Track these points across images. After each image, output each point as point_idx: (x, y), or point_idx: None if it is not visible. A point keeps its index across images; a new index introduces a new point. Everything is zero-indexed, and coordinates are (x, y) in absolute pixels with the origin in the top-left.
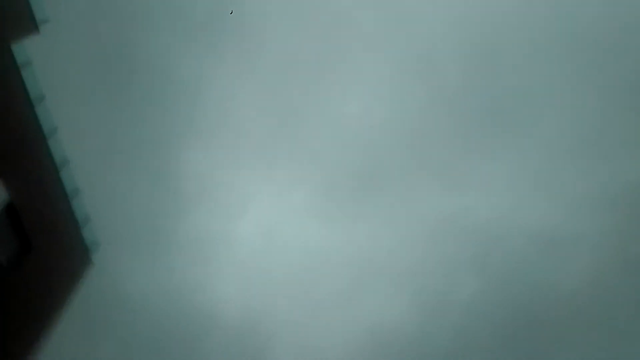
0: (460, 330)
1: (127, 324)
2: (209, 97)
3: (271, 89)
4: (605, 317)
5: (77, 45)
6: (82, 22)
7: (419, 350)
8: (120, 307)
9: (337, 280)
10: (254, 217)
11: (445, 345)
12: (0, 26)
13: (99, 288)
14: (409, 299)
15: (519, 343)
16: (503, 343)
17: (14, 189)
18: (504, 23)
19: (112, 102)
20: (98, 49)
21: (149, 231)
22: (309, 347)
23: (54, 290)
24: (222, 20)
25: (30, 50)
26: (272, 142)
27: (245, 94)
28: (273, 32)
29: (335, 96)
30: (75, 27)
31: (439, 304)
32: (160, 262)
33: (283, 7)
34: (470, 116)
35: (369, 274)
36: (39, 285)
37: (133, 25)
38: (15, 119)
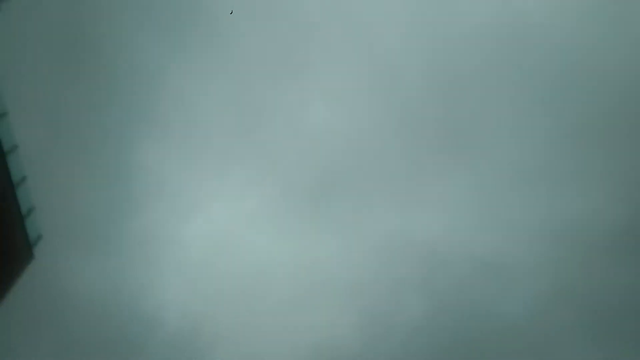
0: (403, 352)
1: (65, 321)
2: (170, 92)
3: (235, 92)
4: (541, 340)
5: (33, 29)
6: (38, 6)
7: None
8: (60, 304)
9: (284, 291)
10: (206, 219)
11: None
12: None
13: (39, 283)
14: (355, 316)
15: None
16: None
17: None
18: (468, 50)
19: (66, 89)
20: (57, 34)
21: (96, 227)
22: (250, 355)
23: None
24: (192, 17)
25: None
26: (231, 145)
27: (208, 94)
28: (242, 35)
29: (298, 105)
30: (31, 12)
31: (384, 324)
32: (105, 260)
33: (254, 11)
34: (428, 136)
35: (317, 287)
36: None
37: (96, 13)
38: None
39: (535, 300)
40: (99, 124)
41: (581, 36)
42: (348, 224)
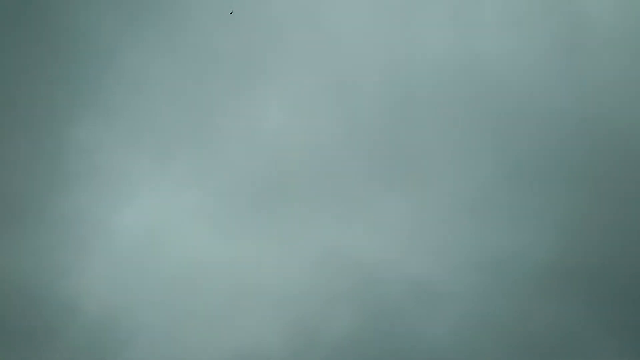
0: None
1: None
2: (118, 71)
3: (189, 82)
4: None
5: None
6: None
7: None
8: None
9: (213, 293)
10: (140, 209)
11: None
12: None
13: None
14: (282, 326)
15: None
16: None
17: None
18: (422, 79)
19: None
20: None
21: (21, 204)
22: (167, 356)
23: None
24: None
25: None
26: (176, 136)
27: (160, 80)
28: (204, 28)
29: (253, 105)
30: None
31: (310, 337)
32: (28, 239)
33: (221, 7)
34: (376, 157)
35: (248, 293)
36: None
37: None
38: None
39: (459, 323)
40: (34, 96)
41: (532, 81)
42: (288, 233)
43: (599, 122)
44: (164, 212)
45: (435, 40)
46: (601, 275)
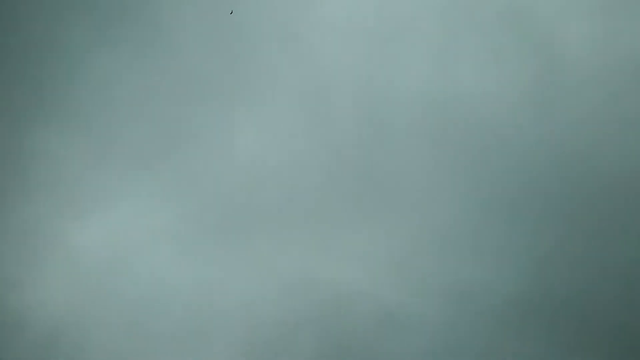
0: None
1: None
2: (88, 78)
3: (162, 98)
4: None
5: None
6: None
7: None
8: None
9: (174, 316)
10: (103, 224)
11: None
12: None
13: None
14: (247, 351)
15: None
16: None
17: None
18: (400, 108)
19: None
20: None
21: None
22: None
23: None
24: (136, 10)
25: None
26: (145, 152)
27: (132, 92)
28: (182, 44)
29: (226, 125)
30: None
31: None
32: None
33: (201, 23)
34: (351, 184)
35: (211, 318)
36: None
37: None
38: None
39: (427, 353)
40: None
41: (508, 118)
42: (257, 258)
43: (574, 159)
44: (128, 230)
45: (414, 73)
46: (565, 311)
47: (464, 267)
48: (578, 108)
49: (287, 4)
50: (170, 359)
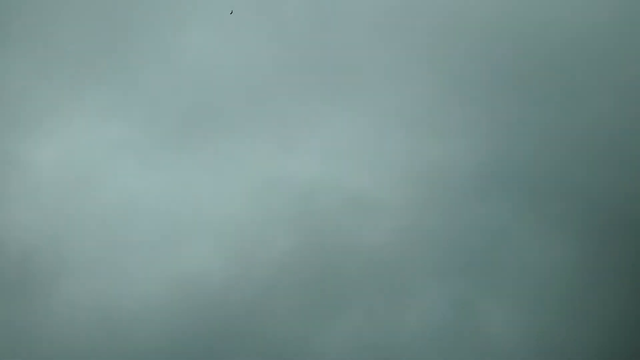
0: (267, 287)
1: None
2: None
3: (106, 5)
4: (395, 269)
5: None
6: None
7: (225, 301)
8: None
9: (147, 224)
10: (60, 141)
11: (251, 297)
12: None
13: None
14: (222, 251)
15: (324, 292)
16: (308, 295)
17: None
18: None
19: None
20: None
21: None
22: (107, 283)
23: None
24: None
25: None
26: (98, 63)
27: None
28: None
29: (173, 28)
30: None
31: (251, 258)
32: None
33: None
34: (314, 77)
35: (184, 223)
36: None
37: None
38: None
39: (394, 234)
40: None
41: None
42: (224, 159)
43: (526, 34)
44: (84, 146)
45: None
46: (526, 177)
47: (428, 147)
48: None
49: None
50: (142, 265)
